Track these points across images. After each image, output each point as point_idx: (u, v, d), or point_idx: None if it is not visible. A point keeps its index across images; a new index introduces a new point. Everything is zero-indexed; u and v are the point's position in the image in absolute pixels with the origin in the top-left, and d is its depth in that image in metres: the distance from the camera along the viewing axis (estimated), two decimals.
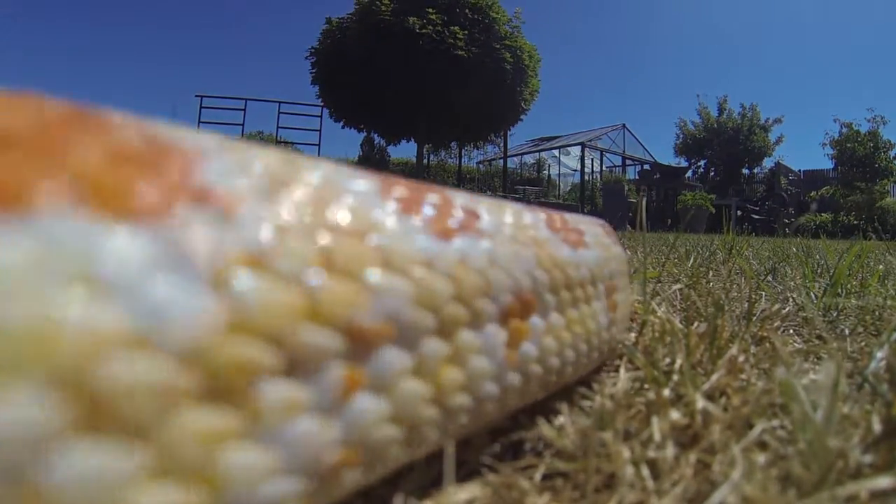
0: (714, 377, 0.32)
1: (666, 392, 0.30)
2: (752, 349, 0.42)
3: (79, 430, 0.11)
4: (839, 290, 0.71)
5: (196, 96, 9.10)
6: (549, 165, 13.50)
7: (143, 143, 0.14)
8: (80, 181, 0.12)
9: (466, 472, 0.25)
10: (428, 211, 0.21)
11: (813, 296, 0.72)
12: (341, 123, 9.10)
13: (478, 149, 12.97)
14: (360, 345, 0.16)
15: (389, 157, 11.65)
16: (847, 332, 0.54)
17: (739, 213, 8.75)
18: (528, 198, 8.96)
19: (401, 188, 0.21)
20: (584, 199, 10.71)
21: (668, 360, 0.35)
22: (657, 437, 0.26)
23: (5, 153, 0.12)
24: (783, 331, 0.55)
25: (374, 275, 0.17)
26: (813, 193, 11.23)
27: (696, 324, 0.46)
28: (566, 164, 13.08)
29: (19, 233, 0.11)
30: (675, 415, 0.28)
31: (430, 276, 0.19)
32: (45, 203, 0.11)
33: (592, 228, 0.36)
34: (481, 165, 14.10)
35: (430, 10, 7.68)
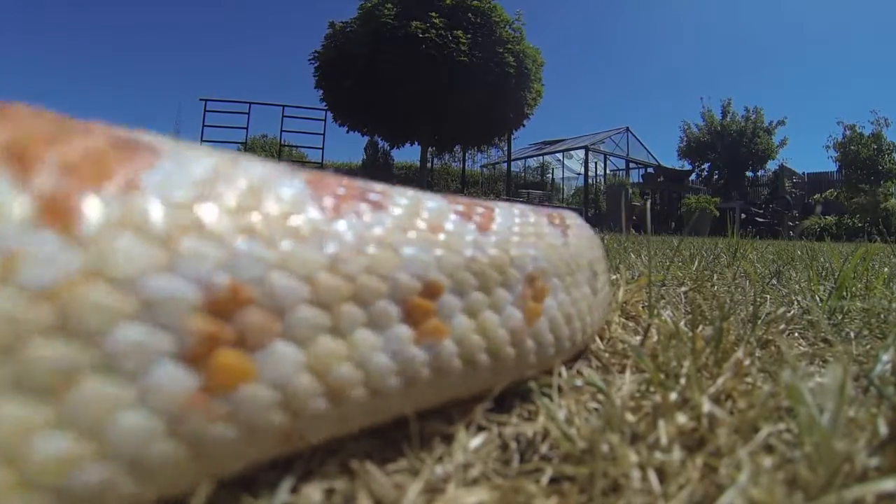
0: (720, 381, 0.32)
1: (672, 395, 0.30)
2: (758, 353, 0.42)
3: None
4: (844, 293, 0.71)
5: (200, 100, 9.15)
6: (552, 169, 13.49)
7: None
8: None
9: (473, 476, 0.25)
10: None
11: (818, 299, 0.72)
12: (345, 128, 9.12)
13: (482, 152, 13.00)
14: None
15: (393, 160, 11.67)
16: (852, 335, 0.54)
17: (743, 216, 8.73)
18: (532, 201, 8.96)
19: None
20: (587, 202, 10.70)
21: (673, 363, 0.35)
22: (664, 440, 0.26)
23: None
24: (788, 334, 0.55)
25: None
26: (817, 196, 11.19)
27: (701, 327, 0.46)
28: (570, 168, 13.06)
29: None
30: (681, 418, 0.28)
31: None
32: None
33: (533, 218, 0.33)
34: (485, 169, 14.11)
35: (433, 14, 7.70)
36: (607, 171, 12.06)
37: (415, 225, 0.25)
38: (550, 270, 0.32)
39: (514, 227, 0.31)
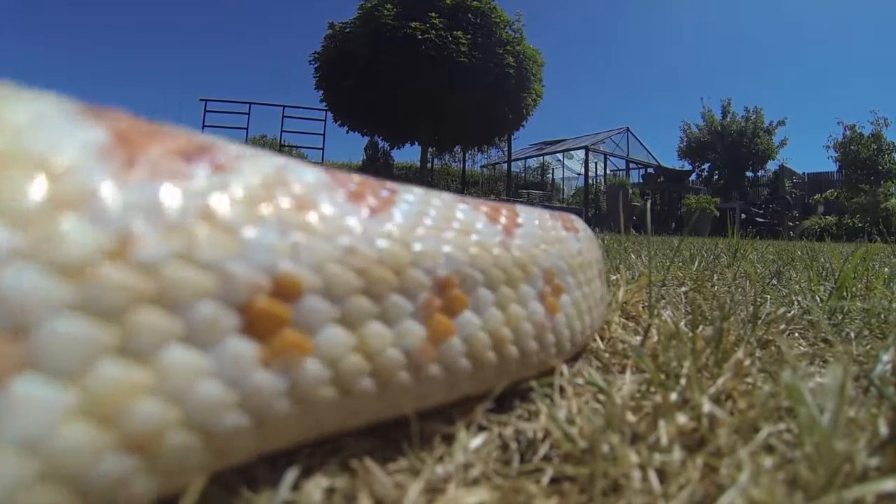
0: (720, 381, 0.33)
1: (672, 396, 0.30)
2: (758, 353, 0.42)
3: None
4: (844, 293, 0.71)
5: (200, 100, 9.16)
6: (552, 169, 13.51)
7: None
8: None
9: (474, 476, 0.25)
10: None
11: (818, 299, 0.72)
12: (345, 128, 9.13)
13: (482, 152, 13.01)
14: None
15: (393, 160, 11.67)
16: (853, 335, 0.54)
17: (744, 216, 8.73)
18: (533, 201, 8.96)
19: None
20: (587, 202, 10.71)
21: (674, 363, 0.35)
22: (664, 440, 0.26)
23: None
24: (788, 334, 0.55)
25: None
26: (817, 196, 11.19)
27: (701, 327, 0.46)
28: (570, 168, 13.08)
29: None
30: (681, 418, 0.28)
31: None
32: None
33: (461, 212, 0.27)
34: (485, 169, 14.12)
35: (433, 14, 7.70)
36: (607, 172, 12.07)
37: (271, 198, 0.19)
38: (474, 276, 0.25)
39: (427, 217, 0.25)
